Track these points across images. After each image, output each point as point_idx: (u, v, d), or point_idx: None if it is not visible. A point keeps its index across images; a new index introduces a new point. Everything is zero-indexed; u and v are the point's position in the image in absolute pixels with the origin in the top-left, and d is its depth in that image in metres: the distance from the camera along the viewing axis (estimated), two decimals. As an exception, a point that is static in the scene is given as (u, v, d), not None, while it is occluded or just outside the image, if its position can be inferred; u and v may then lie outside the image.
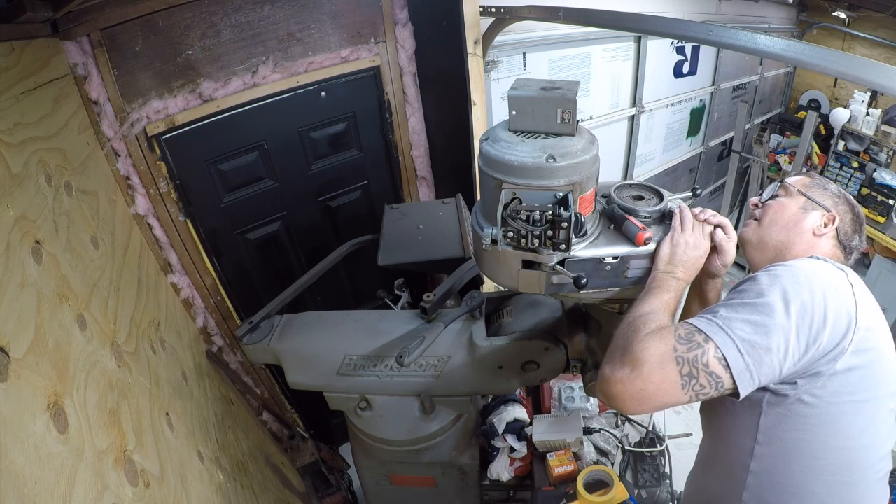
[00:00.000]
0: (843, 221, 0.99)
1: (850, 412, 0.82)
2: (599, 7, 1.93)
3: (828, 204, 1.00)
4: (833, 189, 1.04)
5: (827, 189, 1.04)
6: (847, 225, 1.00)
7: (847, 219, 1.00)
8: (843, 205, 1.01)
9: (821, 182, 1.05)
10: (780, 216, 1.02)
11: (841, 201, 1.02)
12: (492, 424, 1.74)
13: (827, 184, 1.05)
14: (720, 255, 0.99)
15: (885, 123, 4.19)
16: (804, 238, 0.98)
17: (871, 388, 0.83)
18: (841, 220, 0.99)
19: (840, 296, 0.82)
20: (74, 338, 1.10)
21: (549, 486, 1.65)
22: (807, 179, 1.07)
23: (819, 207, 1.00)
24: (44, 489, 0.82)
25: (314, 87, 1.94)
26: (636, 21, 1.70)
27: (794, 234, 0.98)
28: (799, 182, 1.06)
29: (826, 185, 1.05)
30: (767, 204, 1.05)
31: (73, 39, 1.43)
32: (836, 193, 1.03)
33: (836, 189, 1.04)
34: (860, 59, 1.06)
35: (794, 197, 1.03)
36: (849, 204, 1.02)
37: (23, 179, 1.09)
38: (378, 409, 1.47)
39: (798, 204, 1.01)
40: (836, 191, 1.04)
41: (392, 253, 1.65)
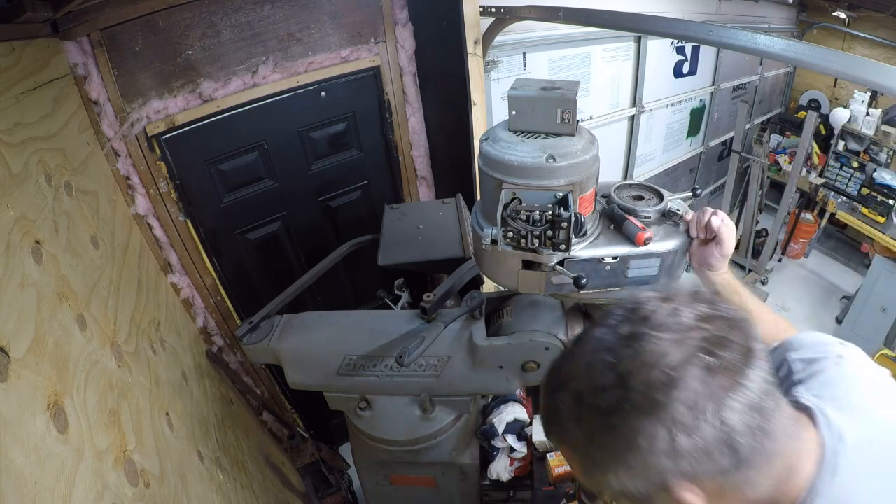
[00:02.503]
0: (697, 467, 0.51)
1: None
2: (599, 7, 1.93)
3: (638, 486, 0.54)
4: (640, 432, 0.51)
5: (613, 450, 0.53)
6: (708, 459, 0.51)
7: (696, 455, 0.51)
8: (663, 444, 0.50)
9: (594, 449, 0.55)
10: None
11: (653, 442, 0.51)
12: (492, 424, 1.73)
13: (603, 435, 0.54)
14: (719, 245, 0.96)
15: (885, 123, 4.19)
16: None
17: None
18: (691, 474, 0.52)
19: None
20: (74, 338, 1.10)
21: (549, 486, 1.65)
22: (576, 461, 0.59)
23: (648, 496, 0.55)
24: (44, 489, 0.82)
25: (314, 87, 1.94)
26: (636, 21, 1.70)
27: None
28: (576, 471, 0.60)
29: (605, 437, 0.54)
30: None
31: (73, 39, 1.43)
32: (633, 440, 0.51)
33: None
34: (860, 59, 1.06)
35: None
36: (673, 425, 0.50)
37: (23, 179, 1.09)
38: (378, 409, 1.47)
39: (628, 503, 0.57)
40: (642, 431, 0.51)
41: (392, 253, 1.65)
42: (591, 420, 0.54)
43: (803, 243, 4.84)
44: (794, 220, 4.70)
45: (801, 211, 4.71)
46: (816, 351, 0.72)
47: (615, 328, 0.55)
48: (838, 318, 4.04)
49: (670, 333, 0.51)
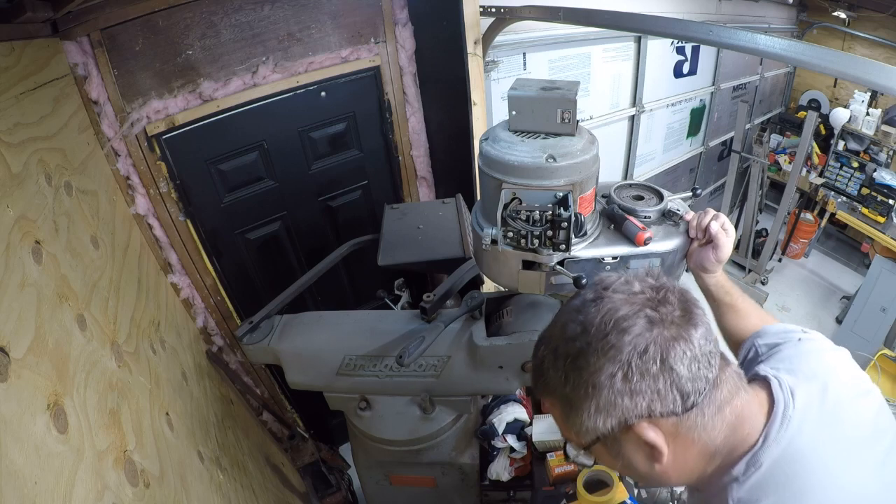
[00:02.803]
0: (650, 406, 0.61)
1: None
2: (599, 7, 1.93)
3: (605, 424, 0.63)
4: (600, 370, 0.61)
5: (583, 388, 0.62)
6: (660, 399, 0.61)
7: (649, 394, 0.60)
8: (618, 383, 0.60)
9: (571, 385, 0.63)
10: (616, 469, 0.77)
11: (612, 380, 0.60)
12: (492, 424, 1.73)
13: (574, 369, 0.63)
14: (715, 248, 0.96)
15: (885, 123, 4.20)
16: (659, 478, 0.68)
17: None
18: (646, 412, 0.61)
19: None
20: (74, 338, 1.10)
21: (549, 486, 1.65)
22: (557, 409, 0.69)
23: (613, 435, 0.64)
24: (44, 489, 0.82)
25: (314, 87, 1.94)
26: (636, 21, 1.70)
27: (650, 481, 0.70)
28: (559, 422, 0.71)
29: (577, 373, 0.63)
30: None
31: (73, 39, 1.43)
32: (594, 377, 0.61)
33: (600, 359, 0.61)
34: (860, 59, 1.06)
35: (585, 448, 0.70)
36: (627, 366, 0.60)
37: (23, 179, 1.09)
38: (378, 409, 1.47)
39: (599, 452, 0.69)
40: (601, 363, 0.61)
41: (392, 253, 1.65)
42: (565, 365, 0.64)
43: (803, 243, 4.84)
44: (794, 220, 4.71)
45: (801, 211, 4.71)
46: (780, 337, 0.82)
47: (583, 296, 0.67)
48: (838, 318, 4.04)
49: (623, 295, 0.64)
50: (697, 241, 1.00)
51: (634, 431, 0.63)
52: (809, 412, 0.66)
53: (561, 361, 0.65)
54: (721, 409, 0.64)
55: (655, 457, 0.64)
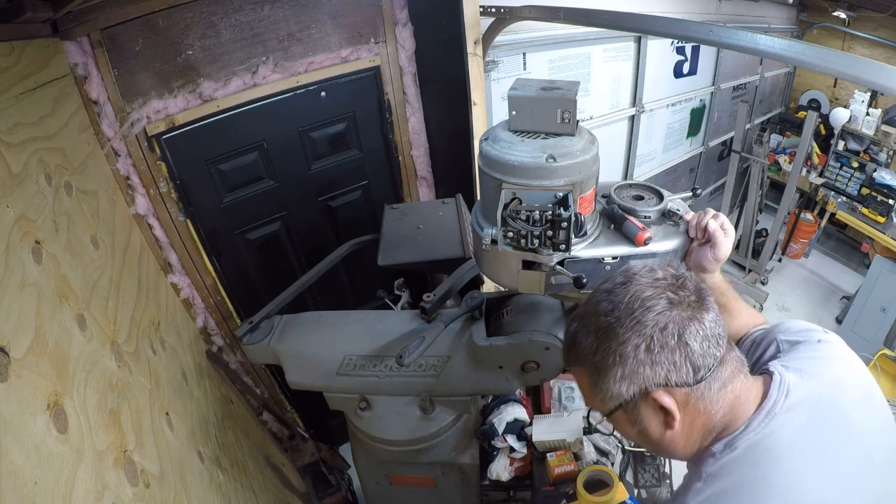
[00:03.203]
0: (667, 376, 0.69)
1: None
2: (599, 7, 1.93)
3: (628, 390, 0.71)
4: (627, 342, 0.69)
5: (612, 355, 0.70)
6: (675, 370, 0.69)
7: (666, 364, 0.69)
8: (642, 353, 0.68)
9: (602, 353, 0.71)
10: (630, 437, 0.83)
11: (637, 349, 0.68)
12: (492, 424, 1.73)
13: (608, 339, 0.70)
14: (713, 247, 0.97)
15: (885, 123, 4.19)
16: (668, 445, 0.75)
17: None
18: (663, 381, 0.69)
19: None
20: (74, 338, 1.10)
21: (549, 486, 1.65)
22: (585, 376, 0.76)
23: (634, 402, 0.72)
24: (44, 489, 0.82)
25: (314, 87, 1.94)
26: (636, 21, 1.70)
27: (660, 448, 0.77)
28: (586, 391, 0.78)
29: (608, 345, 0.70)
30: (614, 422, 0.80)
31: (73, 39, 1.43)
32: (622, 347, 0.69)
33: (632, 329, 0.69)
34: (860, 59, 1.06)
35: (608, 415, 0.77)
36: (650, 339, 0.68)
37: (23, 179, 1.09)
38: (378, 409, 1.47)
39: (620, 420, 0.76)
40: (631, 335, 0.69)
41: (392, 253, 1.65)
42: (596, 337, 0.72)
43: (803, 243, 4.84)
44: (794, 220, 4.71)
45: (801, 211, 4.71)
46: (801, 335, 0.86)
47: (613, 279, 0.76)
48: (838, 318, 4.04)
49: (647, 280, 0.72)
50: (697, 240, 1.00)
51: (652, 397, 0.70)
52: (797, 413, 0.71)
53: (592, 333, 0.73)
54: (724, 387, 0.72)
55: (668, 423, 0.72)
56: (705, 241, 0.98)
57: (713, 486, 0.69)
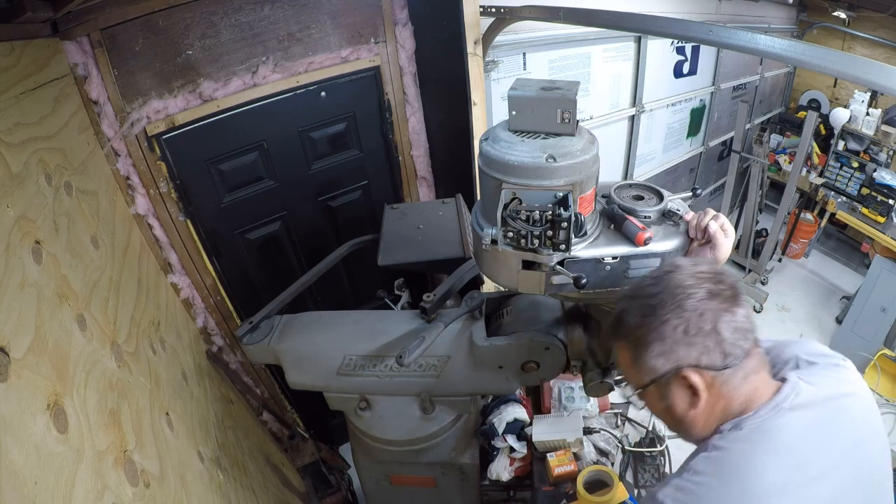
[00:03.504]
0: (699, 357, 0.76)
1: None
2: (599, 7, 1.93)
3: (664, 366, 0.78)
4: (668, 322, 0.77)
5: (654, 332, 0.78)
6: (707, 353, 0.76)
7: (700, 346, 0.76)
8: (680, 332, 0.76)
9: (644, 329, 0.79)
10: (657, 413, 0.88)
11: (676, 329, 0.76)
12: (492, 424, 1.73)
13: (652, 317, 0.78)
14: (713, 248, 0.97)
15: (885, 123, 4.19)
16: (689, 424, 0.82)
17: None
18: (696, 362, 0.76)
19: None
20: (74, 338, 1.10)
21: (549, 486, 1.65)
22: (628, 350, 0.84)
23: (667, 379, 0.79)
24: (44, 489, 0.82)
25: (314, 87, 1.94)
26: (636, 21, 1.70)
27: (681, 425, 0.84)
28: (626, 365, 0.86)
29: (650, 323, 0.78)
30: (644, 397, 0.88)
31: (73, 39, 1.43)
32: (664, 325, 0.77)
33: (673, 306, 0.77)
34: (860, 59, 1.06)
35: (643, 388, 0.84)
36: (688, 323, 0.75)
37: (23, 179, 1.09)
38: (378, 409, 1.47)
39: (652, 394, 0.84)
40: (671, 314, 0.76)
41: (392, 253, 1.65)
42: (641, 314, 0.80)
43: (803, 243, 4.84)
44: (794, 220, 4.70)
45: (801, 211, 4.71)
46: (820, 359, 0.89)
47: (661, 268, 0.85)
48: (838, 318, 4.04)
49: (690, 271, 0.80)
50: (697, 241, 1.00)
51: (683, 375, 0.77)
52: (804, 412, 0.77)
53: (638, 312, 0.81)
54: (746, 377, 0.78)
55: (693, 402, 0.79)
56: (705, 241, 0.98)
57: (714, 453, 0.77)
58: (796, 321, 4.11)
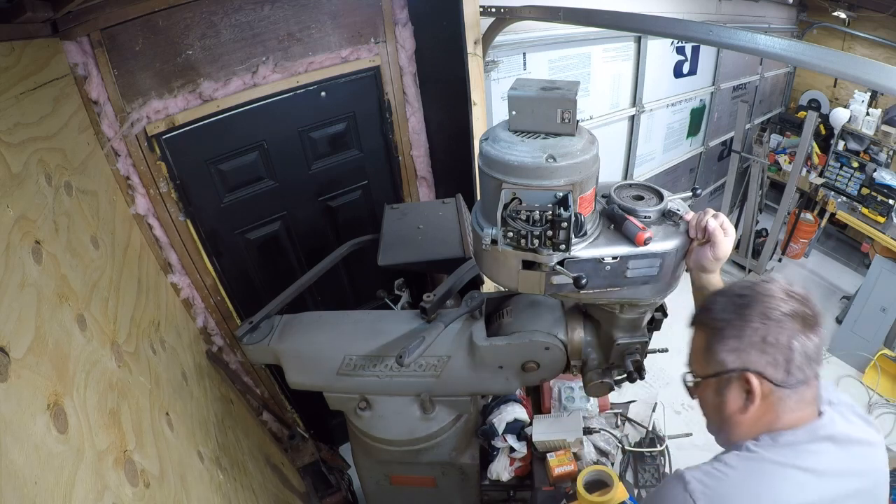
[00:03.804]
0: (766, 366, 0.80)
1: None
2: (599, 7, 1.93)
3: (733, 362, 0.83)
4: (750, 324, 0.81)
5: (735, 328, 0.82)
6: (774, 365, 0.80)
7: (770, 356, 0.80)
8: (758, 336, 0.80)
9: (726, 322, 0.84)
10: (706, 406, 0.92)
11: (755, 332, 0.80)
12: (492, 424, 1.73)
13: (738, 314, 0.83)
14: (713, 247, 0.97)
15: (885, 123, 4.20)
16: (733, 426, 0.86)
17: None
18: (761, 369, 0.80)
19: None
20: (74, 338, 1.10)
21: (549, 486, 1.65)
22: (704, 338, 0.88)
23: (731, 376, 0.83)
24: (44, 489, 0.82)
25: (314, 87, 1.94)
26: (636, 21, 1.70)
27: (724, 425, 0.88)
28: (697, 352, 0.90)
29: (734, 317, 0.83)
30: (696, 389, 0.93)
31: (73, 39, 1.43)
32: (746, 325, 0.81)
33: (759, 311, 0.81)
34: (860, 59, 1.06)
35: (705, 378, 0.88)
36: (768, 331, 0.79)
37: (23, 179, 1.09)
38: (378, 409, 1.47)
39: (710, 386, 0.88)
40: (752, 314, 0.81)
41: (392, 253, 1.65)
42: (728, 308, 0.84)
43: (803, 243, 4.84)
44: (794, 220, 4.70)
45: (801, 211, 4.71)
46: (854, 408, 0.92)
47: (756, 278, 0.91)
48: (838, 318, 4.04)
49: (782, 286, 0.83)
50: (697, 241, 1.00)
51: (745, 377, 0.81)
52: (832, 448, 0.82)
53: (726, 305, 0.85)
54: (798, 403, 0.82)
55: (746, 406, 0.83)
56: (705, 240, 0.99)
57: (748, 454, 0.81)
58: (796, 321, 4.11)
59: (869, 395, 3.39)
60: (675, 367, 1.02)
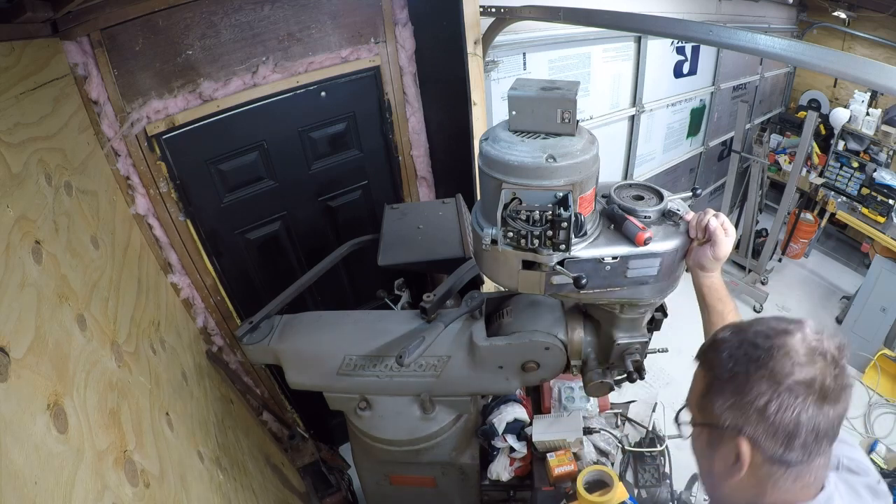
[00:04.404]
0: (763, 435, 0.69)
1: None
2: (599, 7, 1.93)
3: (726, 421, 0.72)
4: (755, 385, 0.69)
5: (738, 384, 0.71)
6: (772, 437, 0.68)
7: (771, 426, 0.68)
8: (762, 401, 0.68)
9: (731, 363, 0.73)
10: (695, 453, 0.82)
11: (761, 396, 0.68)
12: (492, 424, 1.73)
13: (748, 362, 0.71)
14: (714, 246, 0.97)
15: (885, 123, 4.19)
16: (715, 486, 0.78)
17: None
18: (757, 437, 0.69)
19: None
20: (74, 338, 1.10)
21: (549, 486, 1.65)
22: (704, 382, 0.77)
23: (723, 433, 0.73)
24: (44, 489, 0.82)
25: (314, 87, 1.94)
26: (636, 21, 1.70)
27: (708, 480, 0.80)
28: (695, 393, 0.79)
29: (742, 365, 0.72)
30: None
31: (73, 39, 1.43)
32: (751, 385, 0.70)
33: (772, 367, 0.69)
34: (860, 59, 1.06)
35: (697, 425, 0.79)
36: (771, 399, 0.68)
37: (23, 179, 1.09)
38: (378, 409, 1.47)
39: (702, 435, 0.78)
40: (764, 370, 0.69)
41: (392, 253, 1.65)
42: (737, 359, 0.72)
43: (803, 243, 4.84)
44: (794, 220, 4.70)
45: (801, 211, 4.71)
46: (861, 469, 0.86)
47: (786, 324, 0.73)
48: (838, 318, 4.04)
49: (810, 342, 0.69)
50: (697, 240, 1.00)
51: (737, 441, 0.71)
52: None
53: (734, 353, 0.73)
54: (795, 483, 0.72)
55: (733, 471, 0.72)
56: (706, 240, 0.99)
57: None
58: (796, 321, 4.11)
59: (869, 395, 3.39)
60: (675, 367, 1.02)
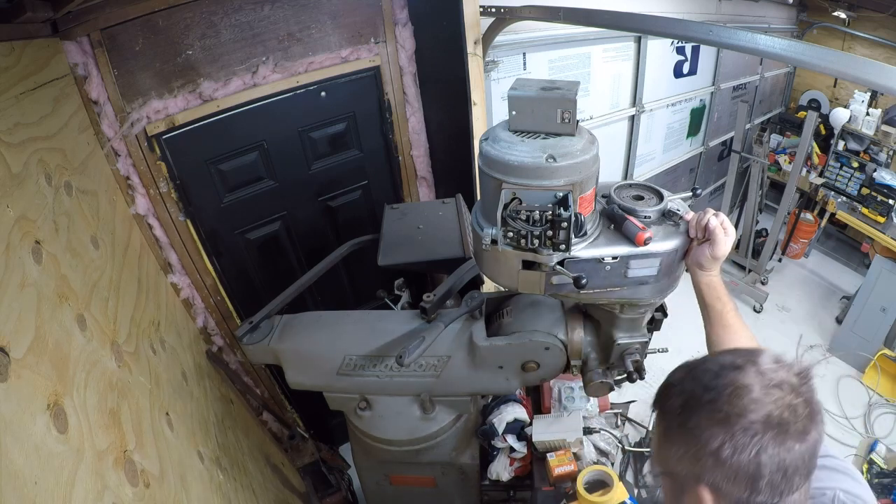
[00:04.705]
0: (723, 482, 0.64)
1: None
2: (599, 7, 1.93)
3: (683, 470, 0.68)
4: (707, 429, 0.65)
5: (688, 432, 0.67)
6: (733, 482, 0.64)
7: (730, 471, 0.63)
8: (716, 444, 0.63)
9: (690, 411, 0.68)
10: (665, 501, 0.77)
11: (713, 438, 0.64)
12: (492, 424, 1.73)
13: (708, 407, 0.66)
14: (713, 245, 0.97)
15: (885, 123, 4.19)
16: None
17: None
18: (718, 484, 0.65)
19: None
20: (74, 338, 1.10)
21: (549, 486, 1.65)
22: (659, 429, 0.74)
23: (683, 482, 0.69)
24: (44, 489, 0.82)
25: (314, 87, 1.94)
26: (636, 21, 1.70)
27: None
28: (655, 440, 0.75)
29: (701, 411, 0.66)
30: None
31: (73, 39, 1.43)
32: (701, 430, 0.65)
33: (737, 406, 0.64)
34: (860, 59, 1.06)
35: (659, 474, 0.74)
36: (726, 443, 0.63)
37: (23, 179, 1.09)
38: (378, 409, 1.47)
39: (667, 483, 0.74)
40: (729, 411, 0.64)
41: (392, 253, 1.65)
42: (689, 404, 0.68)
43: (803, 243, 4.84)
44: (794, 220, 4.70)
45: (801, 211, 4.70)
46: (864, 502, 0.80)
47: (736, 359, 0.68)
48: (838, 318, 4.04)
49: (766, 377, 0.64)
50: (697, 240, 1.01)
51: (697, 489, 0.67)
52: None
53: (685, 396, 0.69)
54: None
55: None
56: (706, 239, 0.99)
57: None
58: (796, 321, 4.11)
59: (869, 395, 3.39)
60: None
